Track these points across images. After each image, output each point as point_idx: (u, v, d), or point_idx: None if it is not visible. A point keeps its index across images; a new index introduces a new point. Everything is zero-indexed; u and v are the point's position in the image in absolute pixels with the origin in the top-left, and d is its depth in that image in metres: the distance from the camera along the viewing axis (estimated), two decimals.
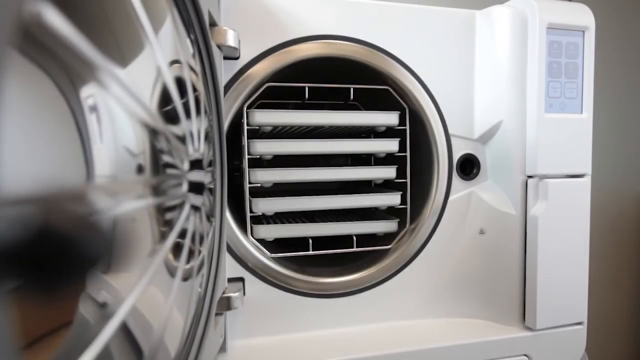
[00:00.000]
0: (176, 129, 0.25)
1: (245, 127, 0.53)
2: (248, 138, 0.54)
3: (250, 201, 0.54)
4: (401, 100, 0.58)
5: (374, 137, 0.70)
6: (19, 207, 0.12)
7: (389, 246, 0.58)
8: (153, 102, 0.23)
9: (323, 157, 0.81)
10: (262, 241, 0.58)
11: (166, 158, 0.24)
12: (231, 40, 0.46)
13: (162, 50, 0.24)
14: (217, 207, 0.44)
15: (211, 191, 0.39)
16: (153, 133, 0.22)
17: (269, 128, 0.55)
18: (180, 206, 0.25)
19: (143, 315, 0.21)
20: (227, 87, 0.50)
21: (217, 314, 0.47)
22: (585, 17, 0.54)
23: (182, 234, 0.26)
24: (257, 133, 0.64)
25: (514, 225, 0.56)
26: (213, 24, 0.44)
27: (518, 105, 0.55)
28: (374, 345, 0.52)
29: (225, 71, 0.50)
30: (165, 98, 0.24)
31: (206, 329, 0.37)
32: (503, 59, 0.55)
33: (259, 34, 0.50)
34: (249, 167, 0.54)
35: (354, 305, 0.56)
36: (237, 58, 0.50)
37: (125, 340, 0.19)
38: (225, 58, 0.49)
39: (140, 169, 0.21)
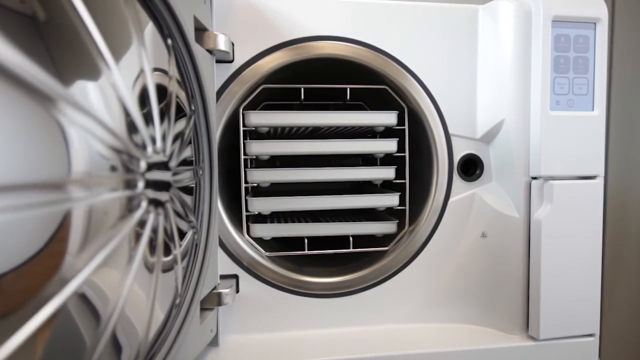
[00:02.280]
0: (134, 136, 0.27)
1: (241, 128, 0.55)
2: (251, 139, 0.55)
3: (246, 200, 0.56)
4: (399, 100, 0.57)
5: (378, 138, 0.69)
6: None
7: (386, 248, 0.58)
8: (106, 115, 0.24)
9: (335, 158, 0.81)
10: (260, 240, 0.59)
11: (120, 161, 0.25)
12: (222, 45, 0.47)
13: (120, 66, 0.26)
14: (205, 205, 0.45)
15: (192, 190, 0.41)
16: (106, 145, 0.24)
17: (266, 129, 0.57)
18: (136, 203, 0.27)
19: (99, 286, 0.24)
20: (223, 89, 0.52)
21: (206, 309, 0.48)
22: (596, 9, 0.51)
23: (141, 226, 0.28)
24: (264, 134, 0.65)
25: (517, 229, 0.53)
26: (202, 29, 0.45)
27: (521, 103, 0.52)
28: (368, 346, 0.52)
29: (220, 74, 0.51)
30: (124, 110, 0.26)
31: (185, 321, 0.39)
32: (507, 55, 0.53)
33: (253, 37, 0.52)
34: (250, 167, 0.56)
35: (349, 306, 0.56)
36: (231, 61, 0.51)
37: (81, 302, 0.22)
38: (219, 61, 0.51)
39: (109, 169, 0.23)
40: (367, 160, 0.81)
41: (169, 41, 0.36)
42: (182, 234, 0.39)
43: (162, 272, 0.34)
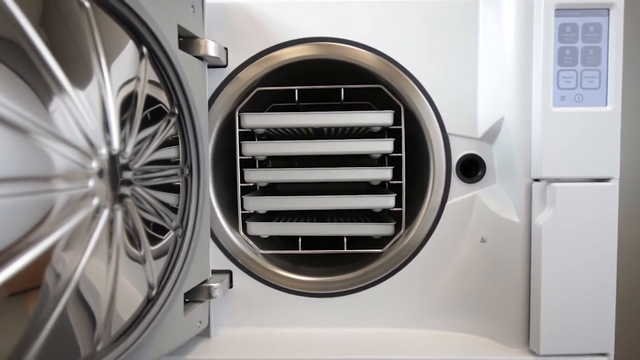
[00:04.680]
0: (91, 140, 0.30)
1: (237, 130, 0.57)
2: (260, 140, 0.57)
3: (242, 199, 0.58)
4: (395, 99, 0.56)
5: (386, 137, 0.68)
6: None
7: (380, 250, 0.57)
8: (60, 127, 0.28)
9: (353, 160, 0.81)
10: (263, 239, 0.61)
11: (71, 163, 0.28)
12: (212, 51, 0.50)
13: (76, 84, 0.30)
14: (192, 203, 0.48)
15: (177, 189, 0.44)
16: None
17: (262, 130, 0.58)
18: (86, 198, 0.30)
19: (62, 255, 0.29)
20: (217, 92, 0.54)
21: (196, 301, 0.51)
22: None
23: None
24: (272, 135, 0.67)
25: (517, 235, 0.50)
26: (191, 36, 0.48)
27: (521, 100, 0.49)
28: (357, 349, 0.51)
29: (215, 78, 0.54)
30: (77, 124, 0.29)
31: (161, 309, 0.41)
32: (508, 48, 0.50)
33: (246, 42, 0.54)
34: (247, 167, 0.58)
35: (341, 306, 0.55)
36: (224, 66, 0.54)
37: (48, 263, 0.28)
38: (212, 66, 0.53)
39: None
40: (381, 161, 0.80)
41: (144, 48, 0.39)
42: (163, 230, 0.42)
43: (136, 262, 0.37)
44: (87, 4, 0.32)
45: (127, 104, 0.35)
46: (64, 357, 0.30)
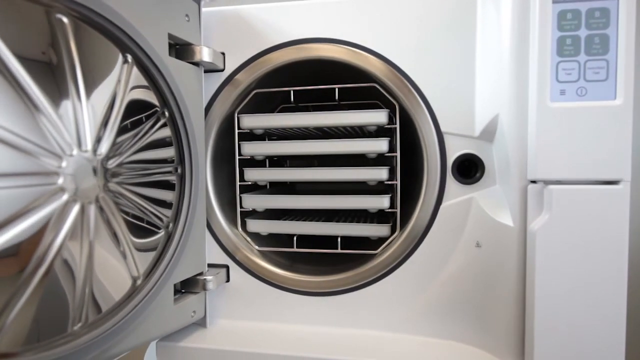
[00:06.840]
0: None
1: (237, 130, 0.59)
2: (270, 140, 0.59)
3: (240, 197, 0.60)
4: (390, 97, 0.54)
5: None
6: None
7: (374, 251, 0.56)
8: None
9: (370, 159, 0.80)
10: (262, 237, 0.63)
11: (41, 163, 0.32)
12: (206, 57, 0.53)
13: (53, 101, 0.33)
14: (185, 200, 0.51)
15: (170, 185, 0.47)
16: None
17: (260, 131, 0.60)
18: (56, 193, 0.34)
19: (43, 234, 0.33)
20: (216, 95, 0.57)
21: (190, 292, 0.54)
22: None
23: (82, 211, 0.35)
24: (286, 135, 0.69)
25: (511, 240, 0.46)
26: (185, 43, 0.51)
27: (517, 95, 0.45)
28: (345, 349, 0.51)
29: (213, 82, 0.57)
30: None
31: (146, 297, 0.45)
32: (505, 41, 0.46)
33: (242, 45, 0.56)
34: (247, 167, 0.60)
35: (332, 306, 0.55)
36: (221, 70, 0.56)
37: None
38: (209, 71, 0.56)
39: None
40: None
41: (129, 56, 0.42)
42: (156, 225, 0.46)
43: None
44: (65, 20, 0.35)
45: (106, 106, 0.39)
46: (52, 327, 0.34)
